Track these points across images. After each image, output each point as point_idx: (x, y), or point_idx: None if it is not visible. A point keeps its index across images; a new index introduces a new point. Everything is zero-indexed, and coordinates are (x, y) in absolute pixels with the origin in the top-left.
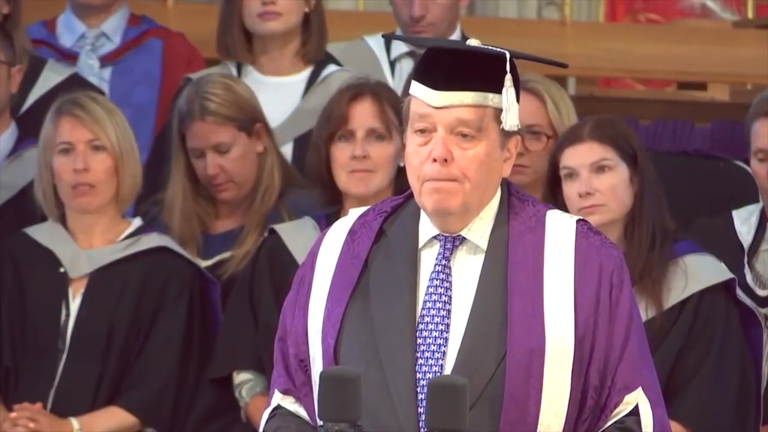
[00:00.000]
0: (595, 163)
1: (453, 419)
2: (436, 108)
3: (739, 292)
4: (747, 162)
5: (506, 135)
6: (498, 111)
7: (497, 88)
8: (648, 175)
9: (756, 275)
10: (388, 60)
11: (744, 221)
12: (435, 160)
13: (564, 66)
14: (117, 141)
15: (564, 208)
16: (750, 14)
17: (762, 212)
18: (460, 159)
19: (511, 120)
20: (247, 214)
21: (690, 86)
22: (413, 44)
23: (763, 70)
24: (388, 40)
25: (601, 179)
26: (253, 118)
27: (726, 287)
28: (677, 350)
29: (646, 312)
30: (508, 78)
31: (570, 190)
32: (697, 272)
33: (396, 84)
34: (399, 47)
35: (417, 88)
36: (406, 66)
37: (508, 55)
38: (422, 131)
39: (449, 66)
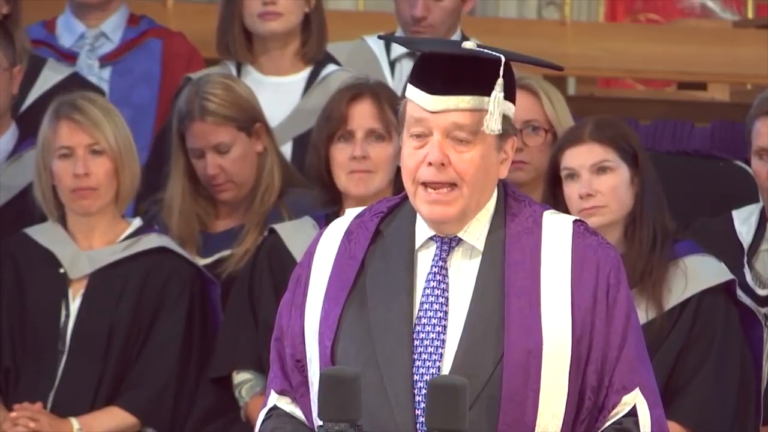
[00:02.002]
0: (596, 165)
1: (452, 419)
2: (432, 112)
3: (739, 293)
4: (747, 162)
5: (503, 137)
6: None
7: (492, 92)
8: (648, 176)
9: (756, 275)
10: (388, 60)
11: (744, 221)
12: (431, 164)
13: (560, 69)
14: (116, 143)
15: (564, 208)
16: (750, 14)
17: (762, 212)
18: (456, 162)
19: (492, 125)
20: (247, 213)
21: (690, 86)
22: (409, 48)
23: (763, 70)
24: (386, 41)
25: (601, 180)
26: (253, 117)
27: (726, 288)
28: (677, 351)
29: (646, 313)
30: (499, 83)
31: (571, 191)
32: (698, 273)
33: (396, 84)
34: (399, 47)
35: (413, 92)
36: (406, 66)
37: (502, 59)
38: (418, 135)
39: (445, 70)
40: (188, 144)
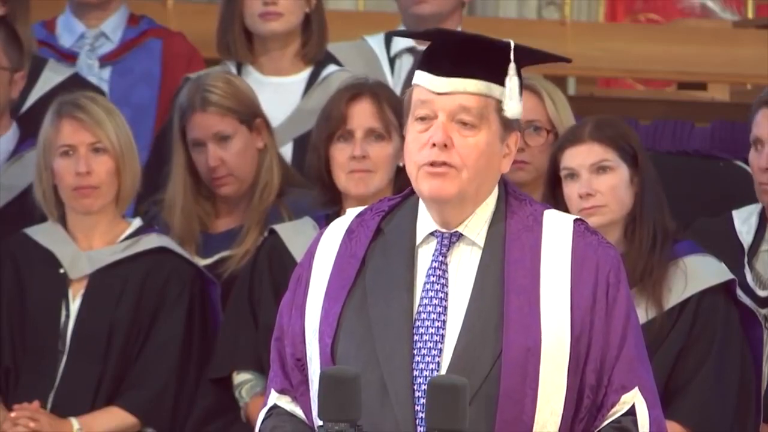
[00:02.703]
0: (596, 164)
1: (452, 419)
2: (439, 94)
3: (740, 293)
4: (747, 162)
5: (506, 129)
6: (500, 103)
7: (500, 80)
8: (648, 176)
9: (756, 275)
10: (388, 58)
11: (744, 221)
12: (434, 145)
13: (568, 61)
14: (118, 142)
15: (564, 208)
16: (750, 14)
17: (762, 212)
18: (460, 146)
19: (513, 107)
20: (247, 212)
21: (690, 86)
22: (417, 37)
23: (763, 70)
24: (389, 36)
25: (601, 180)
26: (254, 113)
27: (726, 288)
28: (677, 351)
29: (646, 312)
30: (512, 66)
31: (570, 190)
32: (698, 273)
33: (395, 80)
34: (398, 44)
35: (420, 76)
36: (406, 62)
37: (512, 44)
38: (423, 118)
39: (454, 53)
40: (189, 136)
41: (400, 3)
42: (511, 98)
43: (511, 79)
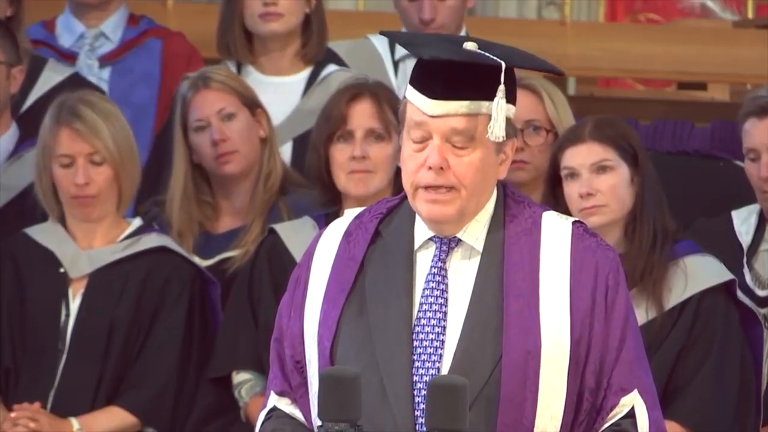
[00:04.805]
0: (596, 164)
1: (452, 419)
2: (432, 116)
3: (739, 293)
4: None
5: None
6: None
7: (492, 96)
8: (648, 175)
9: (755, 275)
10: (392, 60)
11: (743, 221)
12: (431, 168)
13: (561, 74)
14: (116, 149)
15: (564, 208)
16: (750, 14)
17: (761, 212)
18: (455, 166)
19: (496, 131)
20: (251, 205)
21: (690, 86)
22: (410, 50)
23: (763, 70)
24: (390, 38)
25: (601, 180)
26: (255, 102)
27: (726, 288)
28: (677, 351)
29: (646, 313)
30: (501, 89)
31: (571, 190)
32: (698, 273)
33: (400, 83)
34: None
35: (413, 95)
36: (410, 66)
37: (503, 66)
38: (418, 140)
39: (445, 74)
40: (192, 118)
41: (407, 26)
42: (495, 122)
43: (498, 103)
